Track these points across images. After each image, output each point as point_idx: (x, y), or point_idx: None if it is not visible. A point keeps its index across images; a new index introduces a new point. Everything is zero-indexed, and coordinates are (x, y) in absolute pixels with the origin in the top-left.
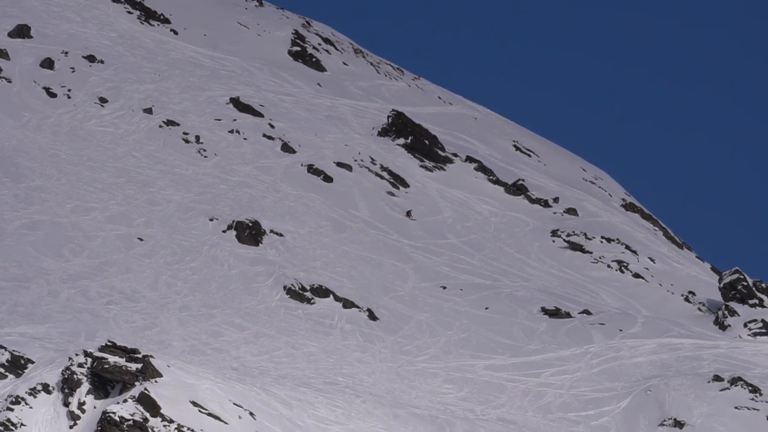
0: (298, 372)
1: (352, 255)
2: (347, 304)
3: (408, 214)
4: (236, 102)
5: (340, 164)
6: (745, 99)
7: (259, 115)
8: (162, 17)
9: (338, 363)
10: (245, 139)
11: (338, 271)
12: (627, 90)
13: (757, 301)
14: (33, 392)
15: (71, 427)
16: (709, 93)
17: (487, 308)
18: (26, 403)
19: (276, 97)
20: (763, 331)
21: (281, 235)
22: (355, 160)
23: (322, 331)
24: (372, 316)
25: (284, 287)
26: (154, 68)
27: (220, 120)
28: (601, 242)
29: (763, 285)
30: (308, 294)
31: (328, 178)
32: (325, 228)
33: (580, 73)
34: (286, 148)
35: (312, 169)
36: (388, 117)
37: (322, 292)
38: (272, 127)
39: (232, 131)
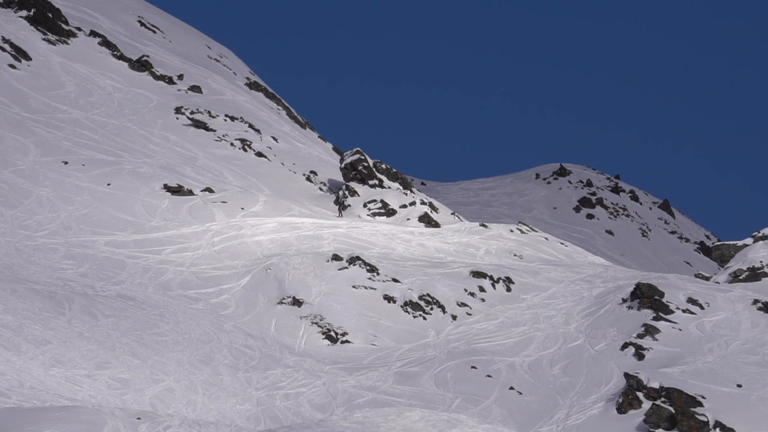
0: None
1: None
2: None
3: (339, 207)
4: None
5: None
6: None
7: None
8: None
9: None
10: None
11: None
12: None
13: (376, 182)
14: None
15: None
16: None
17: (109, 184)
18: None
19: None
20: (382, 211)
21: None
22: None
23: None
24: None
25: None
26: None
27: None
28: (225, 120)
29: (383, 166)
30: None
31: None
32: None
33: None
34: None
35: None
36: None
37: None
38: None
39: None
